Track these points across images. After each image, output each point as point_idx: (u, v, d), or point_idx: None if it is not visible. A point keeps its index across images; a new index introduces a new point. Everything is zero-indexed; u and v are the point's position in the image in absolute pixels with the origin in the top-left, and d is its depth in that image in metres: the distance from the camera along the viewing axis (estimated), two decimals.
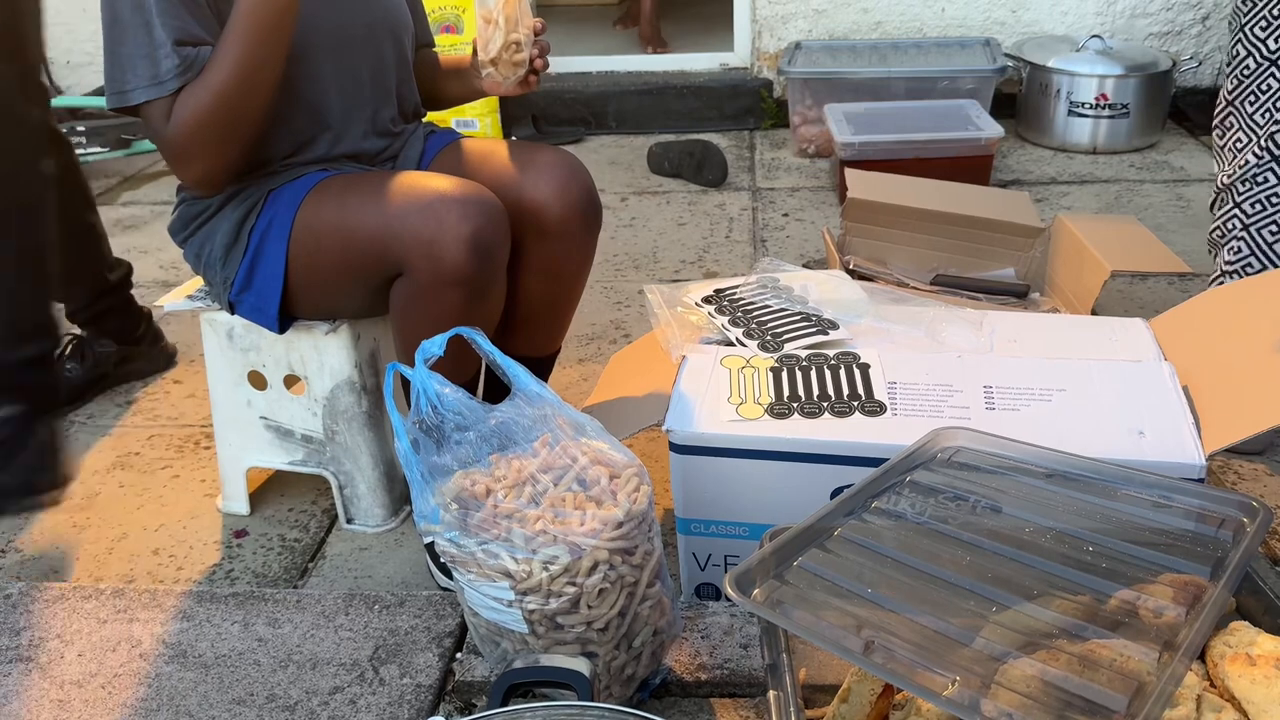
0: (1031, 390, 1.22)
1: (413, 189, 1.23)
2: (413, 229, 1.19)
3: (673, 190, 2.81)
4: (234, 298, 1.34)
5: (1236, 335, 1.28)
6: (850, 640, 0.81)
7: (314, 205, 1.28)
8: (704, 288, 1.52)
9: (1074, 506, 0.98)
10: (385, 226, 1.21)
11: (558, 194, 1.35)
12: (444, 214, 1.18)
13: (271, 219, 1.29)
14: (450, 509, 0.95)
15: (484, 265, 1.20)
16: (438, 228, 1.18)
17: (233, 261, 1.32)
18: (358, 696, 1.05)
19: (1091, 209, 2.53)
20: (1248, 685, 0.76)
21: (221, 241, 1.32)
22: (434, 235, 1.17)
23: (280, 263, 1.29)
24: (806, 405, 1.24)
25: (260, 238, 1.29)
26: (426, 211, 1.19)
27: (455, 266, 1.18)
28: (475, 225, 1.18)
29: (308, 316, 1.37)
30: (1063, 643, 0.81)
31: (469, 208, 1.19)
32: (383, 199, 1.23)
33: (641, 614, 0.98)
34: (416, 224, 1.19)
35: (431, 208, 1.19)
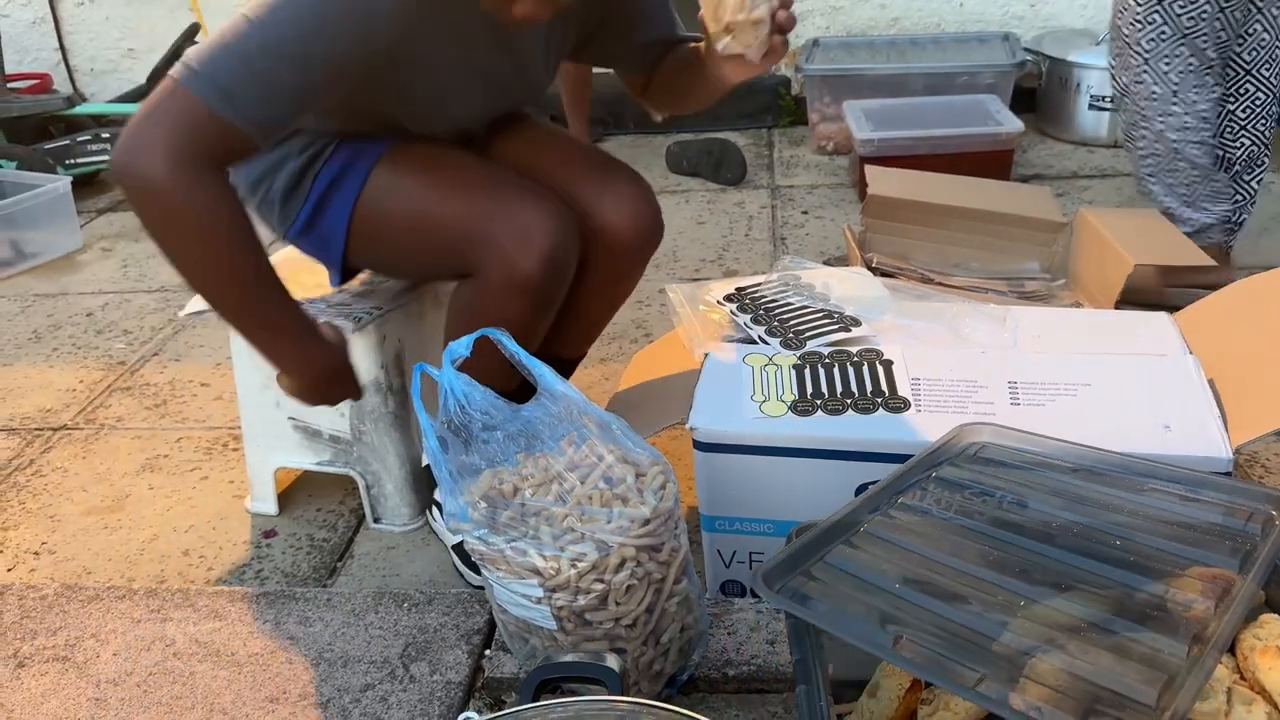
0: (1056, 385, 1.22)
1: (499, 190, 1.21)
2: (494, 235, 1.18)
3: (691, 189, 2.82)
4: (292, 239, 1.32)
5: (1262, 328, 1.28)
6: (878, 635, 0.81)
7: (391, 173, 1.23)
8: (725, 286, 1.52)
9: (1101, 501, 0.98)
10: (466, 224, 1.20)
11: (630, 221, 1.34)
12: (529, 226, 1.17)
13: (342, 170, 1.23)
14: (479, 507, 0.96)
15: (556, 282, 1.21)
16: (520, 239, 1.17)
17: (292, 206, 1.28)
18: (389, 694, 1.07)
19: (1114, 203, 2.52)
20: (1278, 677, 0.75)
21: (281, 185, 1.27)
22: (515, 246, 1.17)
23: (345, 217, 1.25)
24: (830, 402, 1.24)
25: (326, 187, 1.24)
26: (511, 220, 1.18)
27: (528, 279, 1.17)
28: (554, 242, 1.18)
29: (370, 269, 1.38)
30: (1091, 636, 0.81)
31: (550, 222, 1.19)
32: (467, 192, 1.21)
33: (669, 610, 0.99)
34: (499, 230, 1.17)
35: (516, 218, 1.18)
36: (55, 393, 1.98)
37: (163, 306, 2.34)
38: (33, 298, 2.44)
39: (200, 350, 2.11)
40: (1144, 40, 1.80)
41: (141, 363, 2.08)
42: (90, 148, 3.03)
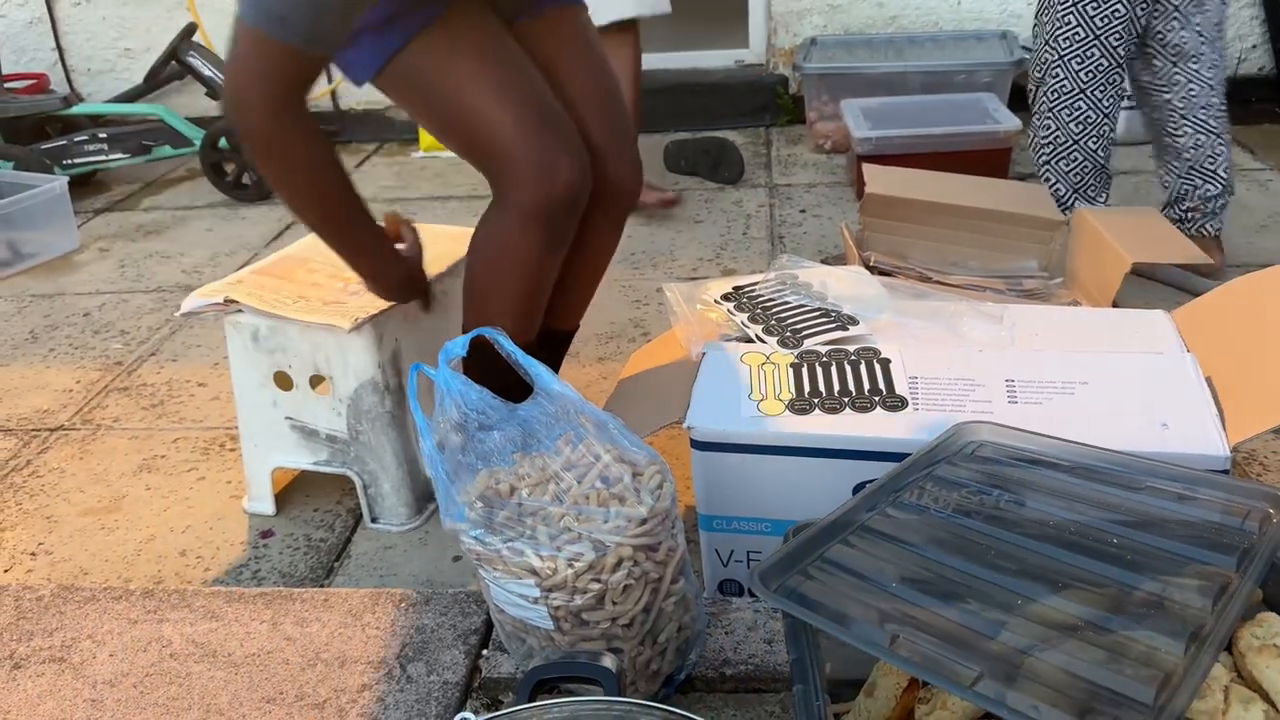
0: (1054, 384, 1.22)
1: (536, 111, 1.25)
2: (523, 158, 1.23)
3: (689, 188, 2.82)
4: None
5: (1259, 325, 1.28)
6: (876, 634, 0.81)
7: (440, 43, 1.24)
8: (723, 285, 1.52)
9: (1098, 499, 0.98)
10: (498, 136, 1.24)
11: (633, 179, 1.42)
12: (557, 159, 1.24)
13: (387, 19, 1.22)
14: (475, 507, 0.96)
15: (572, 216, 1.28)
16: (547, 170, 1.23)
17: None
18: (386, 694, 1.07)
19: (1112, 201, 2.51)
20: (1276, 675, 0.75)
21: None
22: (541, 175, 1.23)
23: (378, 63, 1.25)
24: (828, 401, 1.24)
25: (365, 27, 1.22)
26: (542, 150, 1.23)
27: (550, 209, 1.24)
28: (576, 179, 1.26)
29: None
30: (1089, 635, 0.81)
31: (576, 159, 1.25)
32: (507, 101, 1.23)
33: (666, 610, 0.99)
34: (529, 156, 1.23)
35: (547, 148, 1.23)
36: (52, 393, 1.98)
37: (159, 306, 2.34)
38: (29, 298, 2.44)
39: (197, 350, 2.11)
40: (1061, 38, 1.97)
41: (138, 363, 2.08)
42: (87, 148, 3.02)
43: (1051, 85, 2.03)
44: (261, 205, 2.97)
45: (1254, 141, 2.87)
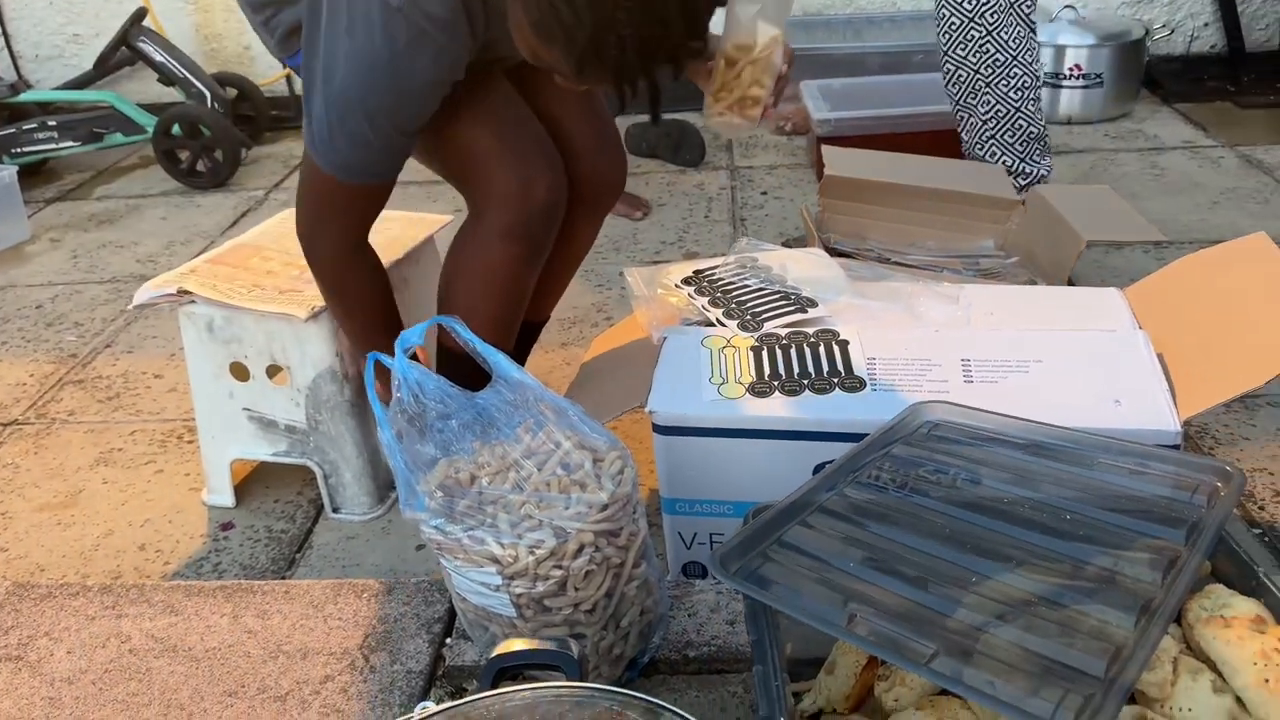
0: (1009, 362, 1.23)
1: (511, 129, 1.26)
2: (498, 178, 1.24)
3: (651, 171, 2.81)
4: (290, 66, 1.33)
5: (1210, 301, 1.30)
6: (833, 614, 0.81)
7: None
8: (684, 269, 1.52)
9: (1052, 476, 1.00)
10: (473, 155, 1.25)
11: (615, 176, 1.44)
12: (532, 177, 1.24)
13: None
14: (435, 497, 0.96)
15: (548, 231, 1.28)
16: (522, 189, 1.24)
17: (294, 43, 1.29)
18: (349, 685, 1.06)
19: (1068, 180, 2.54)
20: (1223, 646, 0.77)
21: (288, 20, 1.29)
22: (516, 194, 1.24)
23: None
24: (787, 383, 1.25)
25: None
26: (517, 168, 1.24)
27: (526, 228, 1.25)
28: (552, 196, 1.26)
29: None
30: (1043, 610, 0.82)
31: (552, 176, 1.27)
32: (482, 119, 1.25)
33: (628, 595, 0.99)
34: (504, 175, 1.24)
35: (522, 166, 1.24)
36: (4, 387, 1.94)
37: (114, 297, 2.30)
38: None
39: (153, 341, 2.08)
40: (987, 14, 2.04)
41: (93, 355, 2.05)
42: (37, 136, 2.96)
43: (982, 62, 2.06)
44: (216, 193, 2.93)
45: (1206, 119, 2.91)
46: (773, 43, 1.20)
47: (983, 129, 2.12)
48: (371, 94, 1.10)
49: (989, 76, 2.06)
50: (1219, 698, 0.74)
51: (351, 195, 1.19)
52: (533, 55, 1.00)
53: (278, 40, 1.31)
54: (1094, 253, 2.10)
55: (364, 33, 1.06)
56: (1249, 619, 0.78)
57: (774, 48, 1.20)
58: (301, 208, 1.22)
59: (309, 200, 1.21)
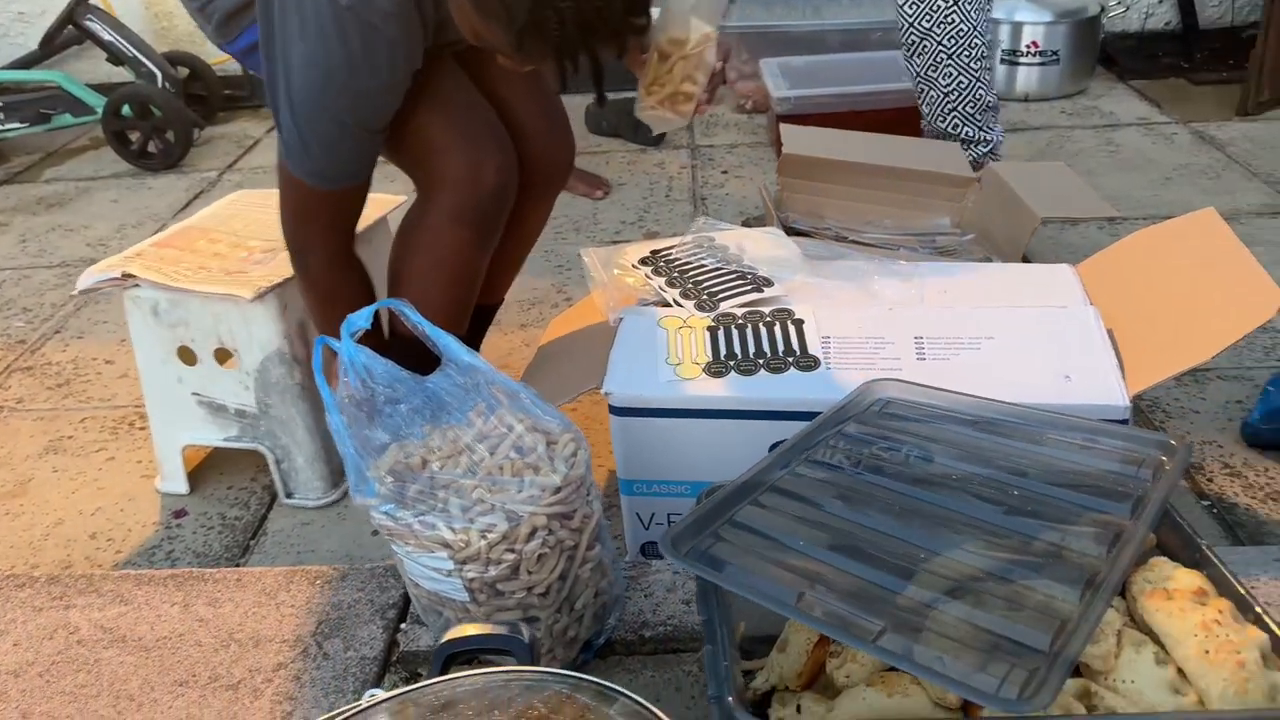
0: (961, 340, 1.24)
1: (461, 113, 1.25)
2: (448, 163, 1.22)
3: (611, 150, 2.79)
4: (229, 53, 1.30)
5: (1160, 277, 1.31)
6: (782, 592, 0.82)
7: None
8: (641, 249, 1.52)
9: (1002, 452, 1.00)
10: (422, 140, 1.23)
11: (565, 155, 1.42)
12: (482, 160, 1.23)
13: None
14: (385, 482, 0.95)
15: (499, 214, 1.26)
16: (472, 173, 1.22)
17: (233, 28, 1.26)
18: (302, 672, 1.05)
19: (1024, 156, 2.56)
20: (1164, 619, 0.78)
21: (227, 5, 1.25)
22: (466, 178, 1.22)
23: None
24: (743, 363, 1.25)
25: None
26: (467, 152, 1.22)
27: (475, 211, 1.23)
28: (503, 179, 1.24)
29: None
30: (990, 585, 0.83)
31: (502, 158, 1.25)
32: (431, 104, 1.22)
33: (582, 577, 0.99)
34: (454, 159, 1.22)
35: (472, 150, 1.23)
36: None
37: (63, 282, 2.26)
38: None
39: (103, 326, 2.04)
40: None
41: (42, 341, 2.01)
42: None
43: (946, 33, 2.07)
44: (168, 174, 2.87)
45: (1160, 96, 2.94)
46: (705, 40, 1.21)
47: (944, 101, 2.13)
48: (333, 97, 1.08)
49: (951, 48, 2.08)
50: (1161, 669, 0.75)
51: (332, 201, 1.19)
52: (473, 34, 0.99)
53: (215, 26, 1.27)
54: (1050, 229, 2.12)
55: (316, 35, 1.04)
56: (1191, 591, 0.79)
57: (707, 45, 1.21)
58: (286, 222, 1.21)
59: (292, 213, 1.20)
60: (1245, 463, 1.45)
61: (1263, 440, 1.48)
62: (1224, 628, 0.75)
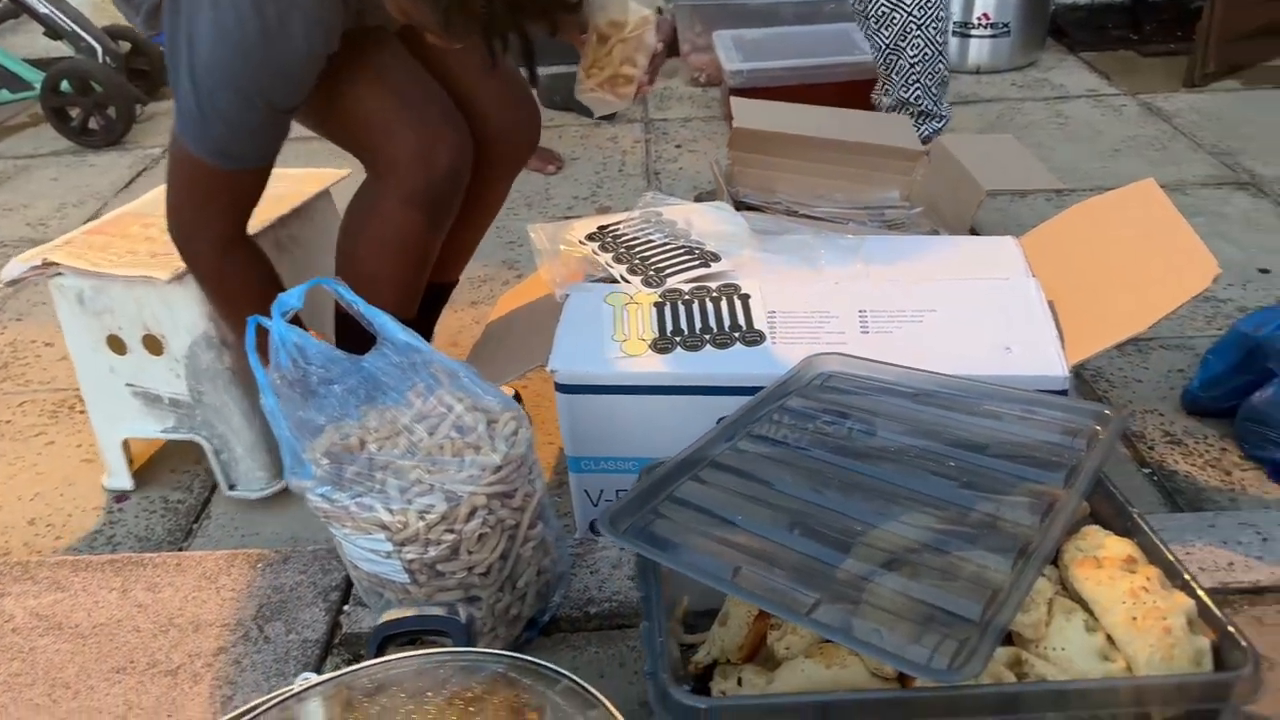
0: (904, 313, 1.24)
1: (410, 92, 1.21)
2: (399, 145, 1.18)
3: (565, 124, 2.77)
4: (159, 42, 1.24)
5: (1100, 248, 1.33)
6: (718, 567, 0.82)
7: None
8: (588, 225, 1.50)
9: (941, 424, 1.01)
10: (372, 123, 1.19)
11: (525, 129, 1.38)
12: (434, 140, 1.19)
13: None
14: (321, 464, 0.93)
15: (454, 195, 1.23)
16: (425, 154, 1.19)
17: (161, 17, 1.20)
18: (242, 656, 1.04)
19: (975, 129, 2.57)
20: (1094, 587, 0.79)
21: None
22: (418, 159, 1.19)
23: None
24: (689, 339, 1.24)
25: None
26: (418, 132, 1.19)
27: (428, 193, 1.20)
28: (456, 158, 1.21)
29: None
30: (927, 557, 0.83)
31: (455, 137, 1.21)
32: (379, 86, 1.19)
33: (524, 555, 0.98)
34: (404, 141, 1.18)
35: (423, 130, 1.19)
36: None
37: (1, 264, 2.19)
38: None
39: (42, 309, 1.99)
40: None
41: None
42: None
43: (913, 4, 2.08)
44: (110, 151, 2.80)
45: (1109, 68, 2.96)
46: (644, 22, 1.20)
47: (910, 72, 2.14)
48: (243, 71, 1.04)
49: (920, 19, 2.09)
50: (1090, 636, 0.76)
51: (229, 183, 1.12)
52: (401, 13, 0.97)
53: (144, 16, 1.22)
54: (998, 202, 2.14)
55: (229, 3, 1.01)
56: (1120, 559, 0.80)
57: (646, 27, 1.20)
58: (173, 202, 1.14)
59: (182, 192, 1.13)
60: (1186, 431, 1.47)
61: (1202, 408, 1.50)
62: (1152, 595, 0.76)
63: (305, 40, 1.05)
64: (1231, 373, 1.48)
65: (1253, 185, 2.21)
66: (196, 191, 1.13)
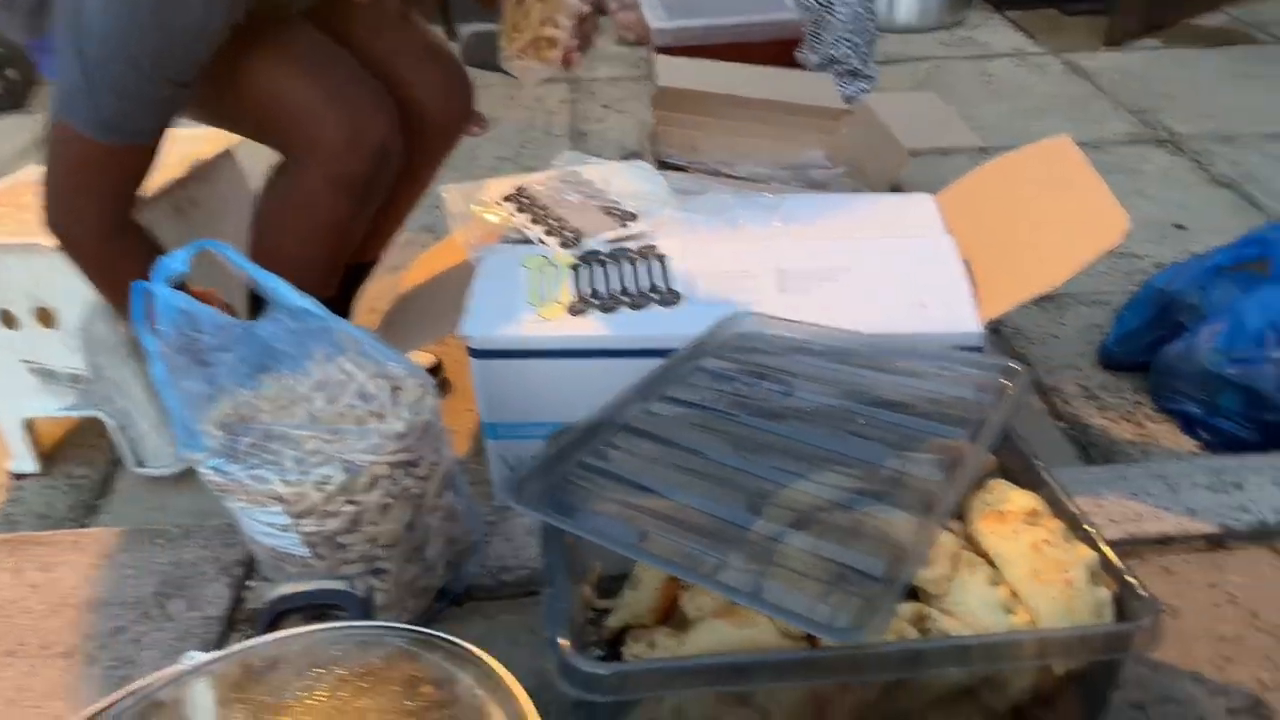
0: (821, 271, 1.23)
1: (330, 72, 1.15)
2: (323, 128, 1.13)
3: (489, 84, 2.68)
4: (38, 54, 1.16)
5: (1015, 204, 1.33)
6: (625, 532, 0.80)
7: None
8: (504, 185, 1.47)
9: (855, 382, 1.00)
10: (290, 108, 1.13)
11: (456, 106, 1.34)
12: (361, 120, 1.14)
13: None
14: (215, 436, 0.90)
15: (383, 177, 1.17)
16: (351, 135, 1.13)
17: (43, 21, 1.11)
18: (141, 635, 1.00)
19: (904, 87, 2.57)
20: (997, 540, 0.79)
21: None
22: (344, 142, 1.13)
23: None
24: (606, 301, 1.22)
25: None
26: (342, 113, 1.13)
27: (355, 176, 1.15)
28: (384, 138, 1.16)
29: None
30: (835, 516, 0.83)
31: (382, 116, 1.16)
32: (296, 68, 1.13)
33: (432, 526, 0.96)
34: (329, 123, 1.13)
35: (348, 110, 1.13)
36: None
37: None
38: None
39: None
40: None
41: None
42: None
43: None
44: (11, 115, 2.68)
45: (1034, 26, 2.98)
46: None
47: (839, 30, 2.14)
48: (135, 36, 0.97)
49: None
50: (993, 590, 0.76)
51: (114, 161, 1.05)
52: None
53: (22, 20, 1.12)
54: (923, 161, 2.14)
55: None
56: (1024, 513, 0.80)
57: None
58: (51, 183, 1.06)
59: (61, 172, 1.05)
60: (1101, 385, 1.49)
61: (1117, 362, 1.53)
62: (1053, 548, 0.77)
63: (204, 8, 1.00)
64: (1145, 328, 1.50)
65: (1170, 143, 2.24)
66: (82, 173, 1.05)
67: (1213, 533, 1.10)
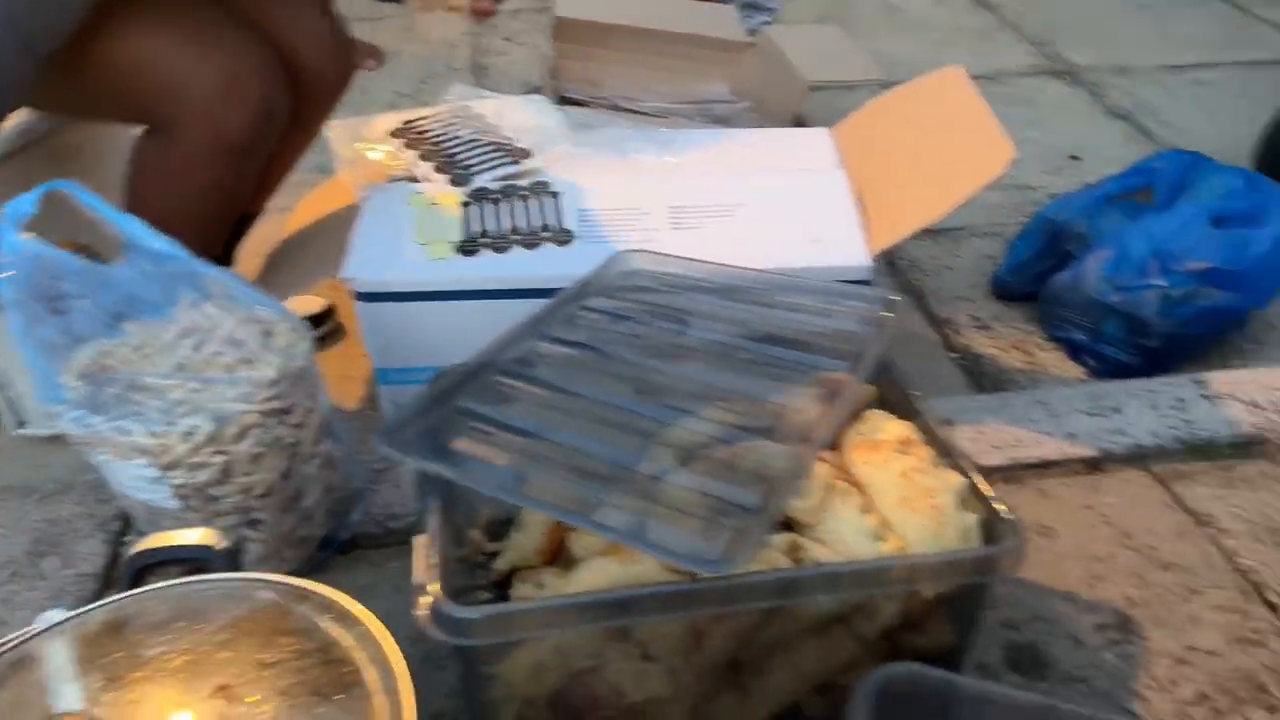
0: (714, 207, 1.22)
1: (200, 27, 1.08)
2: (197, 86, 1.06)
3: (386, 16, 2.60)
4: None
5: (906, 136, 1.33)
6: (504, 476, 0.79)
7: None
8: (391, 121, 1.42)
9: (743, 318, 1.00)
10: (159, 69, 1.06)
11: (333, 59, 1.28)
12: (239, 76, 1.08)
13: None
14: (75, 387, 0.86)
15: (267, 135, 1.12)
16: (229, 93, 1.08)
17: None
18: (13, 595, 0.97)
19: (808, 20, 2.55)
20: (870, 470, 0.80)
21: None
22: (223, 100, 1.07)
23: None
24: (497, 240, 1.19)
25: None
26: (218, 69, 1.07)
27: (238, 136, 1.09)
28: (267, 93, 1.10)
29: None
30: (718, 451, 0.83)
31: (265, 72, 1.10)
32: (159, 26, 1.06)
33: (309, 474, 0.94)
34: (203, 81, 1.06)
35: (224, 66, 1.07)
36: None
37: None
38: None
39: None
40: None
41: None
42: None
43: None
44: None
45: None
46: None
47: None
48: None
49: None
50: (864, 518, 0.78)
51: None
52: None
53: None
54: (826, 94, 2.13)
55: None
56: (896, 442, 0.81)
57: None
58: None
59: None
60: (993, 316, 1.52)
61: (1009, 292, 1.55)
62: (923, 475, 0.78)
63: None
64: (1036, 258, 1.53)
65: (1068, 74, 2.26)
66: None
67: (1091, 456, 1.13)
